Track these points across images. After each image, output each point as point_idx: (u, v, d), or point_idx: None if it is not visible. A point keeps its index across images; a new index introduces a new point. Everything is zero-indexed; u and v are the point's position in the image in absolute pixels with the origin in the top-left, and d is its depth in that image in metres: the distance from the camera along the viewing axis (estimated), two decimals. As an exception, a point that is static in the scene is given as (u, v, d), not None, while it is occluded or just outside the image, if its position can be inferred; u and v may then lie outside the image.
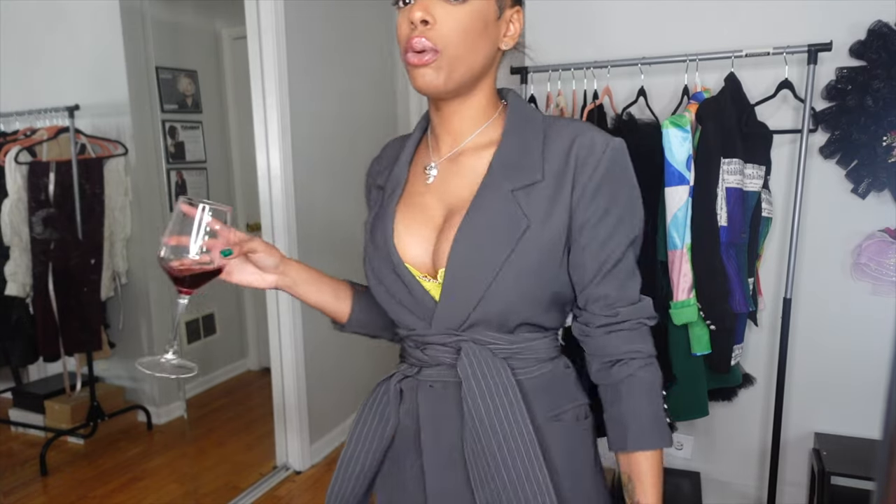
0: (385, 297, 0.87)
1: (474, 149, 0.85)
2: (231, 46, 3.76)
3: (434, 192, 0.86)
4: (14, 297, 2.88)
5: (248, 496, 2.56)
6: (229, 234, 0.81)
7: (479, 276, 0.79)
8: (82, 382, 3.10)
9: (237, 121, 3.83)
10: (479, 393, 0.80)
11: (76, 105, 2.86)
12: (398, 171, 0.89)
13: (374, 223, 0.88)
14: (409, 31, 0.77)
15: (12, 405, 3.23)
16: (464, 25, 0.76)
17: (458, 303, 0.81)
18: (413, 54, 0.77)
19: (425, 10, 0.75)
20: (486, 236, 0.79)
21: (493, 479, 0.80)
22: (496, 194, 0.80)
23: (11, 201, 2.79)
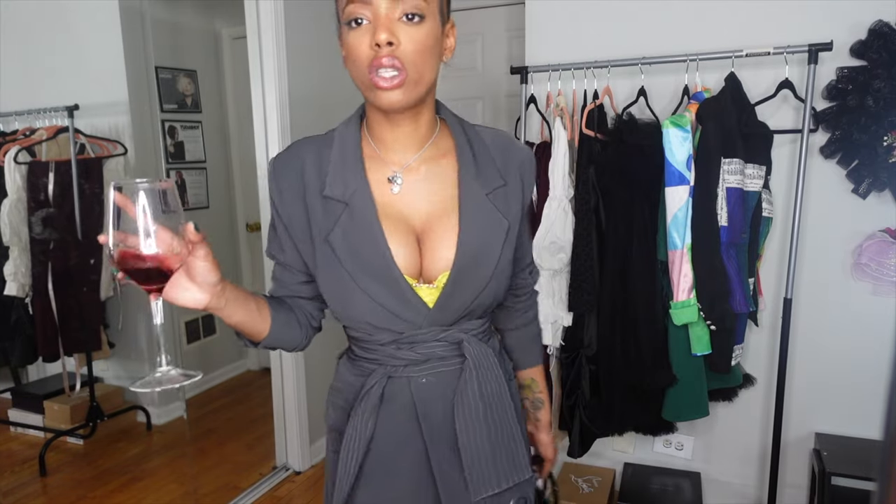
0: (365, 305, 0.88)
1: (431, 158, 0.92)
2: (231, 46, 3.76)
3: (403, 202, 0.89)
4: (13, 297, 2.88)
5: (248, 496, 2.56)
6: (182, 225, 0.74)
7: (478, 277, 0.89)
8: (81, 382, 3.10)
9: (237, 121, 3.82)
10: (477, 375, 0.92)
11: (76, 105, 2.86)
12: (357, 183, 0.88)
13: (353, 235, 0.87)
14: (370, 51, 0.80)
15: (11, 405, 3.23)
16: (422, 45, 0.81)
17: (457, 302, 0.89)
18: (383, 78, 0.80)
19: (390, 32, 0.78)
20: (480, 240, 0.89)
21: (477, 436, 0.91)
22: (476, 200, 0.89)
23: (11, 201, 2.79)
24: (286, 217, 0.92)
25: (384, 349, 0.92)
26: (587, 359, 2.08)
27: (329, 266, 0.88)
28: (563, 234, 2.02)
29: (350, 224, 0.87)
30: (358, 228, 0.87)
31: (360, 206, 0.87)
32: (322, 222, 0.88)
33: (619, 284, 1.99)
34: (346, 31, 0.82)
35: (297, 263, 0.94)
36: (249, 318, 0.88)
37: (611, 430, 2.13)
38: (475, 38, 3.29)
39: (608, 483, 2.36)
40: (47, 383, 3.27)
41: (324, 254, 0.88)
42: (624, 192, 1.96)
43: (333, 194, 0.88)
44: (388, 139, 0.90)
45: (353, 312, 0.90)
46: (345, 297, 0.89)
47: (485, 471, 0.91)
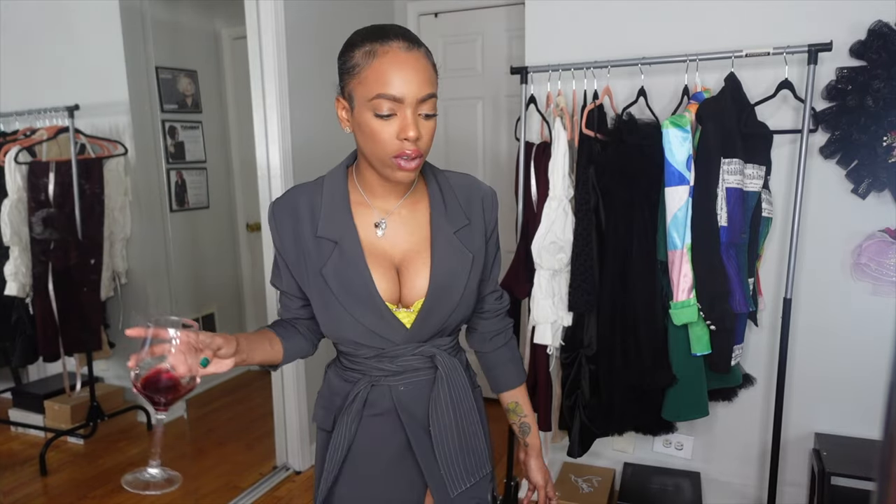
0: (353, 327, 1.04)
1: (409, 204, 1.09)
2: (231, 46, 3.77)
3: (385, 241, 1.06)
4: (14, 297, 2.88)
5: (248, 496, 2.56)
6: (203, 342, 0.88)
7: (449, 302, 1.07)
8: (82, 382, 3.10)
9: (237, 121, 3.83)
10: (448, 383, 1.09)
11: (76, 105, 2.86)
12: (346, 227, 1.04)
13: (343, 270, 1.03)
14: (397, 142, 0.94)
15: (12, 405, 3.23)
16: (433, 133, 0.99)
17: (430, 323, 1.06)
18: (407, 165, 0.96)
19: (417, 130, 0.94)
20: (449, 271, 1.06)
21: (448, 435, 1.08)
22: (445, 238, 1.07)
23: (11, 201, 2.80)
24: (284, 253, 1.08)
25: (368, 362, 1.08)
26: (587, 359, 2.08)
27: (322, 294, 1.04)
28: (563, 234, 2.03)
29: (340, 260, 1.03)
30: (347, 264, 1.03)
31: (349, 246, 1.03)
32: (315, 258, 1.04)
33: (619, 284, 1.99)
34: (371, 116, 0.95)
35: (295, 291, 1.11)
36: (266, 355, 1.07)
37: (611, 430, 2.13)
38: (475, 38, 3.29)
39: (608, 483, 2.36)
40: (48, 383, 3.27)
41: (317, 284, 1.04)
42: (624, 192, 1.96)
43: (325, 234, 1.04)
44: (378, 190, 1.06)
45: (342, 332, 1.06)
46: (335, 319, 1.05)
47: (456, 468, 1.09)
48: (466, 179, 1.16)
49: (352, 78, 0.96)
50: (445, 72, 3.90)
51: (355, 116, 0.97)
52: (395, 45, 0.94)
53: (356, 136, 1.00)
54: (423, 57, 0.96)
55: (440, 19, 3.35)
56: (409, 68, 0.93)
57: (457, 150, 3.43)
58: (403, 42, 0.94)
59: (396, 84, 0.92)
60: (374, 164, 1.00)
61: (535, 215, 2.10)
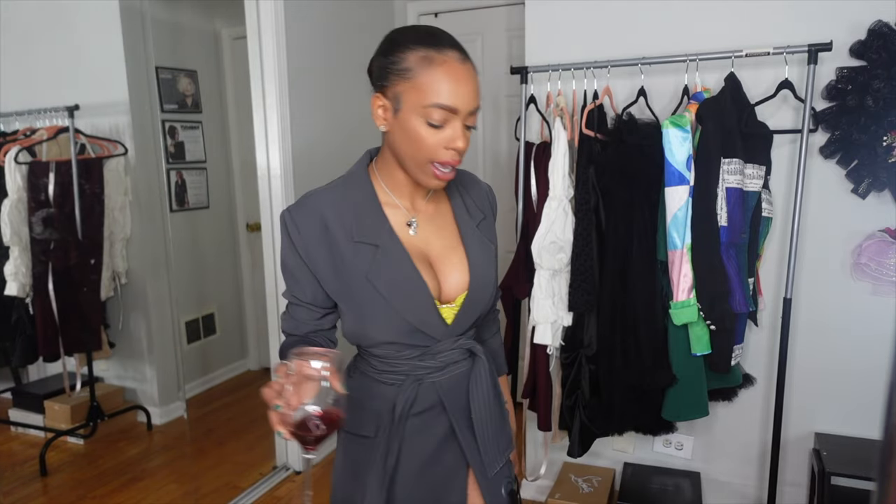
0: (399, 328, 1.04)
1: (433, 200, 1.11)
2: (231, 46, 3.76)
3: (419, 239, 1.08)
4: (14, 297, 2.87)
5: (248, 496, 2.56)
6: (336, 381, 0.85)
7: (485, 294, 1.10)
8: (82, 382, 3.10)
9: (237, 121, 3.82)
10: (482, 374, 1.11)
11: (76, 105, 2.86)
12: (383, 228, 1.04)
13: (391, 272, 1.02)
14: (443, 151, 0.97)
15: (12, 405, 3.22)
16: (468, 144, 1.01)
17: (469, 316, 1.09)
18: (444, 172, 0.99)
19: (466, 141, 0.98)
20: (482, 264, 1.10)
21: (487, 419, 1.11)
22: (472, 232, 1.11)
23: (11, 201, 2.79)
24: (311, 262, 1.04)
25: (411, 362, 1.08)
26: (587, 359, 2.08)
27: (370, 300, 1.02)
28: (563, 234, 2.02)
29: (385, 263, 1.02)
30: (394, 266, 1.02)
31: (392, 247, 1.03)
32: (356, 264, 1.02)
33: (619, 284, 1.99)
34: (420, 123, 0.95)
35: (320, 302, 1.08)
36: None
37: (611, 430, 2.13)
38: (475, 38, 3.29)
39: (608, 483, 2.36)
40: (48, 383, 3.27)
41: (363, 290, 1.02)
42: (624, 192, 1.96)
43: (364, 239, 1.02)
44: (405, 190, 1.07)
45: (388, 335, 1.05)
46: (380, 323, 1.03)
47: (493, 449, 1.11)
48: (469, 176, 1.19)
49: (403, 81, 0.95)
50: (445, 72, 3.85)
51: (400, 118, 0.97)
52: (452, 55, 0.95)
53: (392, 137, 0.99)
54: (473, 69, 0.98)
55: (440, 19, 3.35)
56: (465, 80, 0.95)
57: (457, 150, 3.42)
58: (459, 53, 0.96)
59: (453, 95, 0.94)
60: (407, 166, 1.01)
61: (535, 215, 2.10)
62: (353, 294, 1.03)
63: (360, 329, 1.06)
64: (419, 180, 1.01)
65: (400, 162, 1.01)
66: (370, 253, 1.02)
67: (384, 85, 0.98)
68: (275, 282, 2.68)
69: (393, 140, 1.00)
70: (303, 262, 1.04)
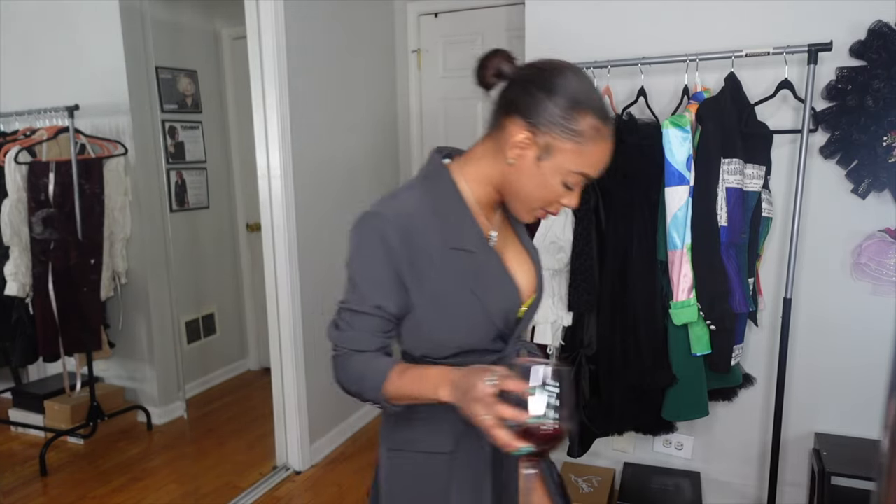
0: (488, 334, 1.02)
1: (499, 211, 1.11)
2: (231, 46, 3.76)
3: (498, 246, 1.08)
4: (14, 297, 2.88)
5: (248, 496, 2.56)
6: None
7: (541, 296, 1.13)
8: (82, 382, 3.10)
9: (237, 121, 3.82)
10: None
11: (76, 105, 2.87)
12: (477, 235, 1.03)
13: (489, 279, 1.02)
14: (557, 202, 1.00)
15: (12, 405, 3.23)
16: None
17: (530, 318, 1.11)
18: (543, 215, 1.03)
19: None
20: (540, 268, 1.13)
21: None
22: (528, 239, 1.15)
23: (11, 201, 2.79)
24: (402, 270, 0.98)
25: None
26: (587, 359, 2.08)
27: (462, 305, 0.99)
28: (563, 234, 2.03)
29: (484, 268, 1.02)
30: (491, 272, 1.03)
31: (487, 253, 1.03)
32: (450, 269, 0.99)
33: (619, 284, 1.99)
34: (558, 181, 0.96)
35: (399, 310, 1.00)
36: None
37: (611, 430, 2.13)
38: (475, 38, 3.29)
39: (608, 483, 2.36)
40: (48, 383, 3.27)
41: (457, 295, 0.99)
42: (624, 192, 1.96)
43: (462, 245, 1.00)
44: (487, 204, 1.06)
45: (473, 341, 1.02)
46: (471, 328, 1.01)
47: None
48: None
49: (567, 140, 0.93)
50: (445, 72, 3.92)
51: (540, 166, 0.95)
52: (609, 132, 0.97)
53: (517, 173, 0.97)
54: None
55: (440, 19, 3.35)
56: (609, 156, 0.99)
57: (457, 150, 3.42)
58: (612, 128, 0.98)
59: (599, 169, 0.98)
60: (512, 199, 1.01)
61: (535, 215, 2.10)
62: (442, 300, 0.99)
63: (443, 337, 1.01)
64: (516, 212, 1.03)
65: (505, 190, 1.01)
66: (466, 259, 1.00)
67: (542, 130, 0.93)
68: (274, 282, 2.68)
69: (514, 175, 0.98)
70: (393, 271, 0.97)
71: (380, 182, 3.38)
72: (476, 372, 0.84)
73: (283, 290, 2.66)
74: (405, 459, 1.08)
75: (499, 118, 1.00)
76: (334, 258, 2.96)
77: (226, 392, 3.73)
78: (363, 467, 2.81)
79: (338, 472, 2.79)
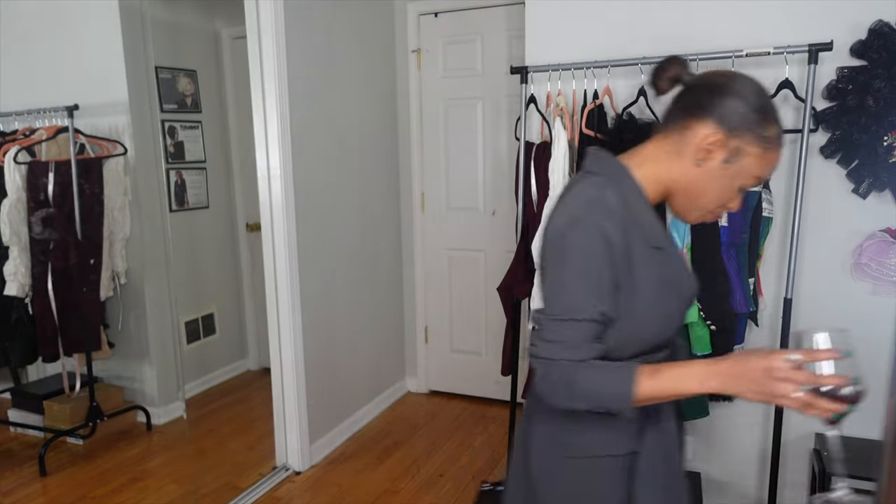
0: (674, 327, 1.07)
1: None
2: (231, 46, 3.76)
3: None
4: (13, 297, 2.87)
5: (248, 496, 2.56)
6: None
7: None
8: (81, 383, 3.10)
9: (237, 121, 3.82)
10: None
11: (75, 105, 2.86)
12: (663, 233, 1.06)
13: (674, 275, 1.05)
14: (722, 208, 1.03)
15: (11, 405, 3.22)
16: None
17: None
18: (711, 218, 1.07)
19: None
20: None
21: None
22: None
23: (11, 201, 2.79)
24: (620, 270, 0.96)
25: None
26: (587, 359, 2.07)
27: (657, 303, 1.01)
28: (563, 234, 2.02)
29: (675, 265, 1.06)
30: (680, 268, 1.08)
31: (673, 251, 1.08)
32: (649, 267, 1.00)
33: (619, 284, 1.99)
34: (737, 184, 0.99)
35: (614, 314, 0.97)
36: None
37: (611, 430, 2.12)
38: (475, 38, 3.29)
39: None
40: (47, 383, 3.27)
41: (654, 293, 1.00)
42: (624, 192, 1.96)
43: (657, 243, 1.02)
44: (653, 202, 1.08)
45: (660, 338, 1.04)
46: (668, 325, 1.04)
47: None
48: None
49: (757, 146, 0.97)
50: (445, 72, 3.92)
51: (727, 169, 0.98)
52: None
53: (700, 175, 1.00)
54: None
55: (440, 19, 3.35)
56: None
57: (457, 150, 3.42)
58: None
59: (769, 176, 1.06)
60: (687, 200, 1.03)
61: (536, 215, 2.10)
62: (648, 298, 0.99)
63: (632, 337, 1.00)
64: (684, 212, 1.05)
65: (681, 191, 1.02)
66: (661, 256, 1.02)
67: (734, 134, 0.96)
68: (274, 282, 2.68)
69: (698, 177, 1.00)
70: (614, 273, 0.96)
71: (380, 182, 3.38)
72: (754, 355, 0.86)
73: (283, 290, 2.66)
74: (585, 465, 1.04)
75: (682, 120, 1.02)
76: (333, 257, 2.96)
77: (225, 392, 3.72)
78: (363, 467, 2.81)
79: (338, 472, 2.79)
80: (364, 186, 3.19)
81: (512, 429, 2.35)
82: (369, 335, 3.36)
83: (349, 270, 3.11)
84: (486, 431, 3.16)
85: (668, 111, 1.06)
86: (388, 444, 3.06)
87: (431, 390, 3.73)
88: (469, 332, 3.57)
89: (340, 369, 3.07)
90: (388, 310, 3.57)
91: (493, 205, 3.39)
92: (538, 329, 0.98)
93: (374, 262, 3.36)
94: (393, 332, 3.62)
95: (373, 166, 3.27)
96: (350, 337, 3.17)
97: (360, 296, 3.23)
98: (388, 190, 3.50)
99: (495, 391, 3.46)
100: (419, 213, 3.58)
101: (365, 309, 3.29)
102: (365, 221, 3.25)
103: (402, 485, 2.67)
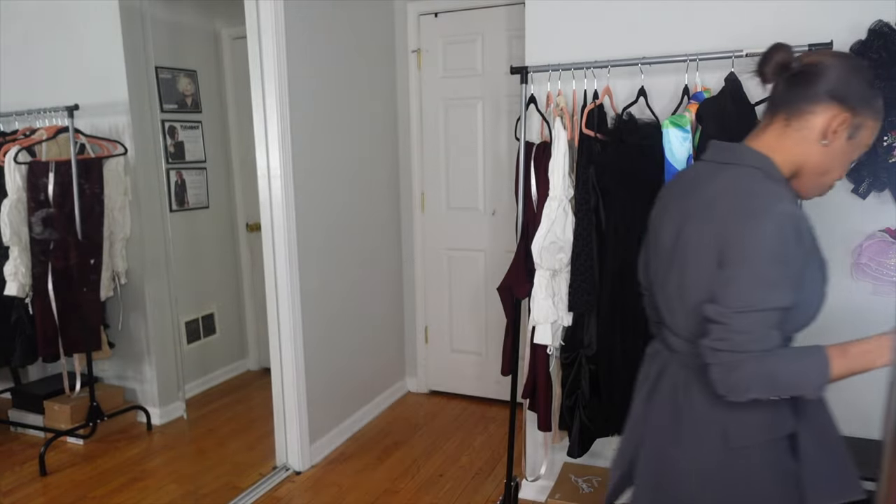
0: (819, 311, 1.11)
1: None
2: (231, 46, 3.76)
3: None
4: (13, 297, 2.87)
5: (248, 496, 2.56)
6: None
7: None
8: (82, 383, 3.10)
9: (237, 121, 3.82)
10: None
11: (75, 105, 2.87)
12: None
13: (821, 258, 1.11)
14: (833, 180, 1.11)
15: (12, 405, 3.22)
16: None
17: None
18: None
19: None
20: None
21: None
22: None
23: (11, 201, 2.79)
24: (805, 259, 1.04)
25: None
26: (587, 359, 2.08)
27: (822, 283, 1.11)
28: (563, 234, 2.02)
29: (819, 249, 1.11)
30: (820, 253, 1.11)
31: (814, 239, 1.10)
32: (814, 251, 1.08)
33: (619, 284, 1.99)
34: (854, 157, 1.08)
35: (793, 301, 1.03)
36: None
37: (611, 430, 2.13)
38: (475, 38, 3.29)
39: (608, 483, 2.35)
40: (47, 383, 3.26)
41: (821, 275, 1.11)
42: (624, 192, 1.96)
43: (812, 230, 1.07)
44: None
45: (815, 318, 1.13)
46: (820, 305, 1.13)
47: None
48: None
49: (870, 119, 1.04)
50: (445, 72, 3.92)
51: (849, 143, 1.05)
52: None
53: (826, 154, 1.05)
54: None
55: (440, 19, 3.35)
56: None
57: (457, 150, 3.42)
58: None
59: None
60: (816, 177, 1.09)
61: (536, 215, 2.10)
62: (814, 284, 1.08)
63: (794, 322, 1.09)
64: (809, 190, 1.11)
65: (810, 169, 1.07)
66: (815, 242, 1.07)
67: (858, 111, 1.02)
68: (274, 282, 2.68)
69: (826, 155, 1.05)
70: (799, 263, 1.02)
71: (380, 182, 3.38)
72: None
73: (283, 290, 2.66)
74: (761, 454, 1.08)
75: (803, 105, 1.04)
76: (333, 257, 2.96)
77: (226, 392, 3.72)
78: (363, 467, 2.82)
79: (338, 472, 2.79)
80: (364, 186, 3.19)
81: (512, 429, 2.35)
82: (369, 335, 3.36)
83: (349, 270, 3.11)
84: (486, 431, 3.16)
85: (782, 97, 1.08)
86: (388, 444, 3.06)
87: (431, 390, 3.73)
88: (469, 332, 3.57)
89: (340, 369, 3.07)
90: (389, 310, 3.57)
91: (493, 205, 3.39)
92: (721, 324, 0.99)
93: (374, 262, 3.36)
94: (393, 331, 3.62)
95: (373, 166, 3.27)
96: (350, 337, 3.17)
97: (360, 296, 3.23)
98: (388, 190, 3.50)
99: (495, 391, 3.46)
100: (419, 213, 3.58)
101: (365, 309, 3.29)
102: (365, 221, 3.26)
103: (402, 485, 2.67)
